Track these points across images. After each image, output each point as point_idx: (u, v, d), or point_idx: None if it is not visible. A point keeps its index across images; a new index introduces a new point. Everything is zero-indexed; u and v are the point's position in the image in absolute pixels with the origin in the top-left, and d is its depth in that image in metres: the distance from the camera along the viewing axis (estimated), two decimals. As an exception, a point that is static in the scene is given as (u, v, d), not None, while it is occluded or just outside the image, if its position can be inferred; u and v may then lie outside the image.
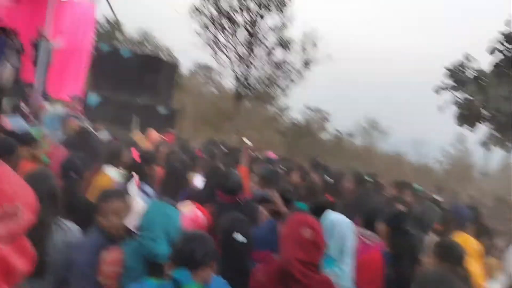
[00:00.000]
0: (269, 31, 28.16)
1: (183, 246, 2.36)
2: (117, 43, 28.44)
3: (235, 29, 28.18)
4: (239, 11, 27.82)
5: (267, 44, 28.42)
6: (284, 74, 29.33)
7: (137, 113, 12.39)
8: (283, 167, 7.47)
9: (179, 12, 30.91)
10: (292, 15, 27.94)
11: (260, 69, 28.88)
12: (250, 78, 28.76)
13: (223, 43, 28.62)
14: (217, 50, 28.78)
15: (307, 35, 28.87)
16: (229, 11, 27.86)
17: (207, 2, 28.00)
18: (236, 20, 28.04)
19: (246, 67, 28.56)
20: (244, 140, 6.71)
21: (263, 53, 28.57)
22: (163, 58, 17.78)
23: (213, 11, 28.04)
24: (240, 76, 28.63)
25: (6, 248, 1.17)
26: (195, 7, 28.09)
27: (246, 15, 27.87)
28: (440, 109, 33.61)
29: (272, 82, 29.58)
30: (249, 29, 27.96)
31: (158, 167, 5.41)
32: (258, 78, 29.10)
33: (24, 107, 8.46)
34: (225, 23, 28.17)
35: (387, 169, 19.98)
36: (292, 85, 29.80)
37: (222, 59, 29.00)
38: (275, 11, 27.71)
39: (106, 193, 3.18)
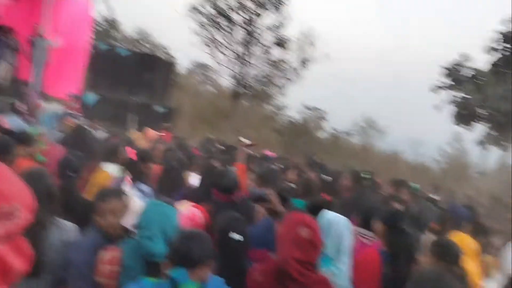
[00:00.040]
0: (266, 30, 28.16)
1: (180, 245, 2.35)
2: (115, 42, 28.43)
3: (232, 28, 28.17)
4: (236, 10, 27.80)
5: (265, 43, 28.42)
6: (281, 73, 29.35)
7: (134, 111, 12.40)
8: (279, 165, 7.49)
9: (177, 11, 30.85)
10: (289, 14, 27.98)
11: (257, 68, 28.89)
12: (247, 76, 28.75)
13: (220, 42, 28.63)
14: (215, 49, 28.80)
15: (305, 34, 28.92)
16: (227, 10, 27.85)
17: (205, 1, 28.00)
18: (234, 19, 28.03)
19: (243, 66, 28.55)
20: (241, 140, 6.69)
21: (261, 52, 28.58)
22: (160, 57, 17.78)
23: (211, 10, 28.04)
24: (237, 75, 28.62)
25: (3, 247, 1.17)
26: (193, 6, 28.10)
27: (244, 14, 27.86)
28: (437, 108, 33.70)
29: (270, 81, 29.59)
30: (247, 28, 27.95)
31: (155, 165, 5.41)
32: (256, 76, 29.10)
33: (21, 105, 8.44)
34: (222, 22, 28.15)
35: (384, 168, 20.00)
36: (289, 84, 29.87)
37: (219, 57, 29.03)
38: (272, 10, 27.70)
39: (104, 192, 3.17)
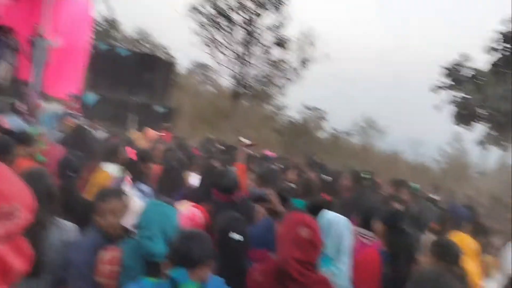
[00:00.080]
0: (266, 30, 28.15)
1: (181, 245, 2.35)
2: (115, 42, 28.43)
3: (232, 28, 28.17)
4: (236, 10, 27.80)
5: (265, 43, 28.42)
6: (281, 73, 29.35)
7: (134, 111, 12.40)
8: (279, 165, 7.49)
9: (177, 11, 30.83)
10: (289, 14, 27.98)
11: (257, 68, 28.89)
12: (247, 77, 28.75)
13: (220, 42, 28.63)
14: (215, 49, 28.80)
15: (304, 34, 28.92)
16: (227, 10, 27.84)
17: (205, 1, 27.99)
18: (234, 19, 28.02)
19: (243, 66, 28.55)
20: (241, 140, 6.70)
21: (261, 52, 28.57)
22: (160, 57, 17.78)
23: (211, 10, 28.03)
24: (237, 75, 28.62)
25: (3, 247, 1.17)
26: (192, 6, 28.09)
27: (244, 14, 27.85)
28: (437, 108, 33.70)
29: (269, 81, 29.59)
30: (247, 28, 27.95)
31: (155, 165, 5.40)
32: (256, 76, 29.10)
33: (21, 105, 8.44)
34: (222, 22, 28.15)
35: (384, 168, 19.99)
36: (289, 84, 29.87)
37: (219, 57, 29.03)
38: (272, 10, 27.70)
39: (104, 192, 3.17)
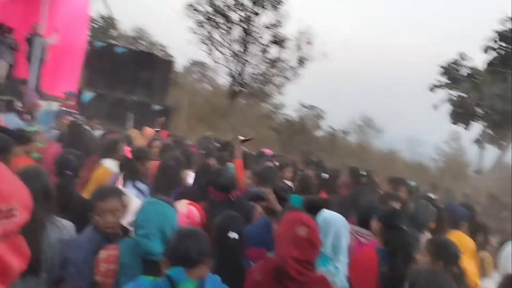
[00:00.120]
0: (264, 28, 28.14)
1: (179, 244, 2.35)
2: (112, 40, 28.39)
3: (230, 26, 28.15)
4: (234, 8, 27.78)
5: (262, 41, 28.41)
6: (279, 72, 29.34)
7: (132, 110, 12.38)
8: (275, 162, 7.50)
9: (174, 9, 30.75)
10: (287, 13, 27.97)
11: (254, 66, 28.89)
12: (244, 75, 28.75)
13: (218, 40, 28.61)
14: (212, 47, 28.78)
15: (302, 33, 28.90)
16: (224, 9, 27.82)
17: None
18: (231, 17, 28.00)
19: (240, 65, 28.55)
20: (238, 137, 6.73)
21: (258, 51, 28.56)
22: (158, 55, 17.75)
23: (208, 8, 28.01)
24: (234, 74, 28.62)
25: (1, 246, 1.17)
26: (190, 4, 28.06)
27: (241, 13, 27.83)
28: (435, 107, 33.75)
29: (267, 80, 29.58)
30: (244, 26, 27.93)
31: (152, 162, 5.38)
32: (253, 75, 29.10)
33: (18, 104, 8.42)
34: (220, 21, 28.13)
35: (381, 166, 19.99)
36: (286, 82, 29.86)
37: (217, 56, 29.02)
38: (270, 9, 27.68)
39: (103, 191, 3.15)
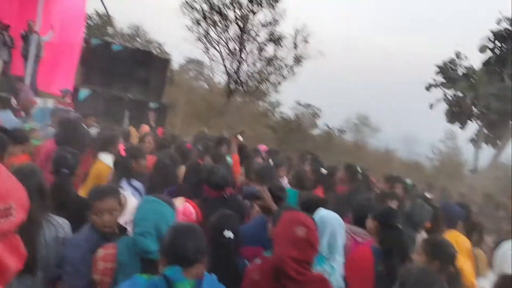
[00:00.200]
0: (260, 27, 28.14)
1: (175, 242, 2.33)
2: (108, 37, 28.32)
3: (226, 24, 28.13)
4: (230, 6, 27.75)
5: (259, 40, 28.43)
6: (276, 70, 29.34)
7: (128, 108, 12.36)
8: (269, 158, 7.58)
9: (170, 7, 30.70)
10: (283, 11, 27.96)
11: (251, 65, 28.90)
12: (241, 73, 28.75)
13: (214, 38, 28.61)
14: (209, 46, 28.77)
15: (299, 31, 28.90)
16: (221, 7, 27.79)
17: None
18: (228, 15, 27.98)
19: (237, 63, 28.54)
20: (238, 138, 6.81)
21: (255, 49, 28.57)
22: (155, 53, 17.71)
23: (205, 6, 27.99)
24: (231, 72, 28.61)
25: (-2, 246, 1.16)
26: (186, 2, 28.01)
27: (238, 11, 27.82)
28: (431, 106, 33.86)
29: (263, 78, 29.57)
30: (241, 24, 27.91)
31: (147, 158, 5.36)
32: (249, 73, 29.10)
33: (15, 102, 8.39)
34: (216, 19, 28.10)
35: (377, 165, 20.01)
36: (283, 81, 29.85)
37: (213, 54, 29.01)
38: (267, 7, 27.67)
39: (100, 191, 3.14)
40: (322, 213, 3.57)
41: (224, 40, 28.42)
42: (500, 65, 29.84)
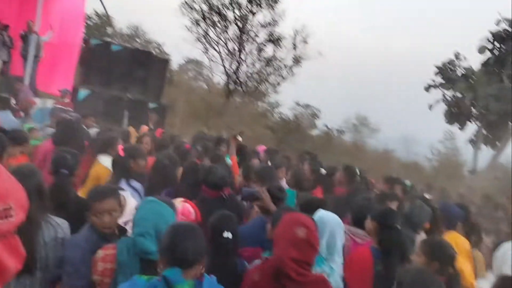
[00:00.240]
0: (260, 27, 28.12)
1: (175, 244, 2.31)
2: (107, 38, 28.30)
3: (226, 25, 28.10)
4: (230, 7, 27.74)
5: (258, 40, 28.37)
6: (275, 71, 29.31)
7: (127, 108, 12.35)
8: (267, 158, 7.59)
9: (170, 7, 30.70)
10: (283, 12, 27.94)
11: (250, 65, 28.84)
12: (240, 74, 28.72)
13: (213, 38, 28.58)
14: (208, 46, 28.74)
15: (298, 32, 28.89)
16: (220, 7, 27.78)
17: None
18: (227, 16, 27.96)
19: (236, 63, 28.51)
20: (237, 138, 6.82)
21: (254, 50, 28.53)
22: (154, 53, 17.69)
23: (204, 6, 27.97)
24: (230, 72, 28.58)
25: (-2, 247, 1.16)
26: (186, 2, 27.99)
27: (237, 11, 27.79)
28: (430, 107, 33.88)
29: (263, 78, 29.53)
30: (240, 25, 27.89)
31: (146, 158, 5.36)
32: (248, 74, 29.05)
33: (14, 102, 8.39)
34: (216, 19, 28.08)
35: (376, 165, 20.03)
36: (282, 81, 29.81)
37: (212, 54, 28.99)
38: (266, 8, 27.65)
39: (100, 192, 3.13)
40: (321, 214, 3.57)
41: (223, 40, 28.40)
42: (499, 66, 29.86)
